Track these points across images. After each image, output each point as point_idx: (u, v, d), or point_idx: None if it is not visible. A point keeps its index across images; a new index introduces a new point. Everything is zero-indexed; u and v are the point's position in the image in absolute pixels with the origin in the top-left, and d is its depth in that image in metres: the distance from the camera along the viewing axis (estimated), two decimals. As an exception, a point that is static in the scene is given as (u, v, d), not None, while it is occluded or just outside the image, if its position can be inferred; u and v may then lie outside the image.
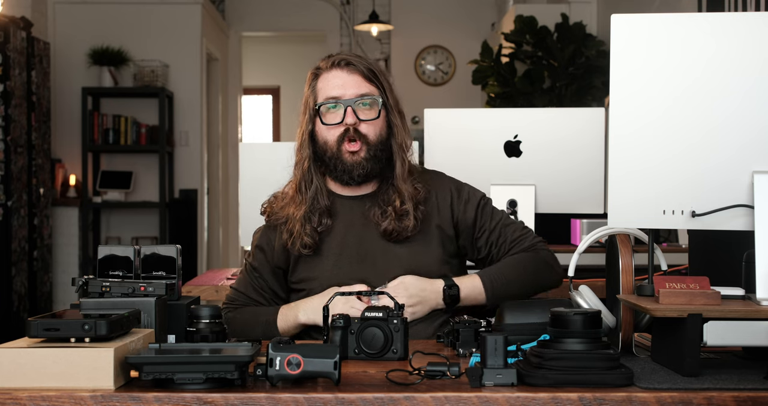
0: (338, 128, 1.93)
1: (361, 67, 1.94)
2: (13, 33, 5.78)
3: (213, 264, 8.60)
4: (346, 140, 1.92)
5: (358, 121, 1.92)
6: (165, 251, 1.66)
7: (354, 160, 1.93)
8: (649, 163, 1.46)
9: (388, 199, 1.96)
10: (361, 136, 1.92)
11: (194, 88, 7.80)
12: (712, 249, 1.61)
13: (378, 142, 1.94)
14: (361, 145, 1.92)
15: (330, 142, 1.94)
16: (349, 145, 1.92)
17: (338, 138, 1.93)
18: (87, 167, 7.25)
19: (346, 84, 1.93)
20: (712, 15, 1.48)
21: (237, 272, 3.13)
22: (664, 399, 1.28)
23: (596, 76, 6.34)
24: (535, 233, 2.04)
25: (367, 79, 1.94)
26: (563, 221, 3.28)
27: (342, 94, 1.93)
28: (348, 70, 1.94)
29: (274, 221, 2.02)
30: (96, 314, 1.39)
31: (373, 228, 1.97)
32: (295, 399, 1.29)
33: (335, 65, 1.95)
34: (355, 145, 1.92)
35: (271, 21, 9.23)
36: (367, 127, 1.93)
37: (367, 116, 1.93)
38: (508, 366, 1.34)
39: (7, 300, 5.69)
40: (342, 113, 1.92)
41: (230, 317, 1.99)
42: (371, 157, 1.93)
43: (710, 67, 1.45)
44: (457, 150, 2.07)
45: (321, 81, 1.96)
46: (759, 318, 1.38)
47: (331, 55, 2.00)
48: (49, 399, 1.28)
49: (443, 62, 9.17)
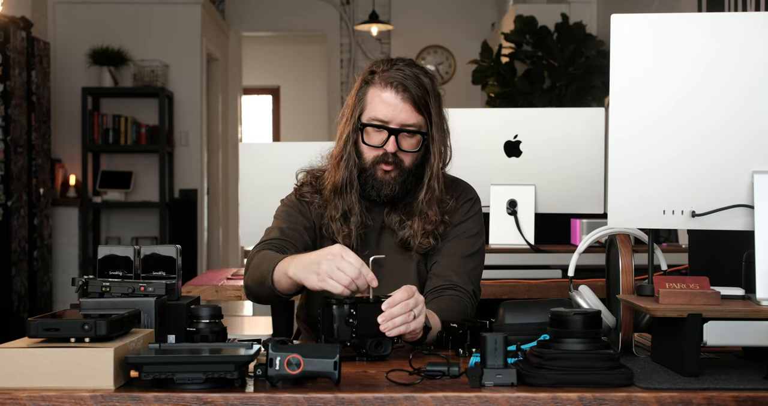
0: (377, 150, 1.95)
1: (414, 95, 1.92)
2: (13, 33, 5.78)
3: (213, 264, 8.60)
4: (383, 162, 1.95)
5: (399, 151, 1.94)
6: (165, 251, 1.66)
7: (385, 179, 1.95)
8: (649, 163, 1.46)
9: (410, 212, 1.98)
10: (397, 162, 1.95)
11: (194, 88, 7.80)
12: (712, 249, 1.61)
13: (412, 168, 1.96)
14: (395, 168, 1.95)
15: (366, 159, 1.96)
16: (384, 165, 1.95)
17: (375, 158, 1.95)
18: (87, 167, 7.25)
19: (396, 110, 1.92)
20: (712, 15, 1.48)
21: (237, 272, 3.13)
22: (664, 399, 1.28)
23: (596, 76, 6.34)
24: (474, 287, 1.99)
25: (417, 108, 1.93)
26: (563, 221, 3.28)
27: (390, 119, 1.93)
28: (402, 96, 1.92)
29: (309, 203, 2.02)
30: (96, 314, 1.39)
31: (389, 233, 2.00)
32: (295, 399, 1.29)
33: (390, 86, 1.93)
34: (390, 167, 1.95)
35: (271, 21, 9.23)
36: (405, 155, 1.95)
37: (409, 147, 1.95)
38: (508, 366, 1.35)
39: (7, 300, 5.69)
40: (385, 138, 1.93)
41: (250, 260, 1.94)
42: (402, 180, 1.95)
43: (710, 67, 1.45)
44: (456, 150, 2.07)
45: (371, 94, 1.95)
46: (759, 318, 1.38)
47: (391, 61, 1.96)
48: (49, 399, 1.28)
49: (443, 62, 9.17)
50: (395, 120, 1.92)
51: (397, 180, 1.95)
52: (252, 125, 11.61)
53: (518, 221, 3.15)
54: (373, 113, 1.94)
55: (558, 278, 2.93)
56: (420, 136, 1.95)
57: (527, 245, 3.12)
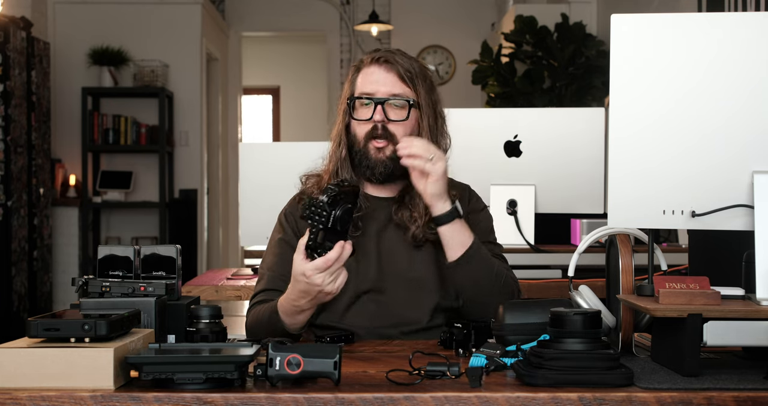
0: (367, 124, 1.94)
1: (399, 67, 1.94)
2: (13, 33, 5.78)
3: (213, 264, 8.60)
4: (374, 137, 1.94)
5: (387, 120, 1.93)
6: (165, 251, 1.66)
7: (378, 157, 1.94)
8: (649, 163, 1.46)
9: (414, 204, 1.96)
10: (388, 135, 1.93)
11: (194, 88, 7.81)
12: (712, 249, 1.61)
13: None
14: (387, 143, 1.93)
15: (359, 137, 1.96)
16: (376, 141, 1.94)
17: (367, 134, 1.95)
18: (87, 167, 7.26)
19: (381, 82, 1.94)
20: (712, 15, 1.48)
21: (237, 272, 3.14)
22: (664, 399, 1.28)
23: (596, 76, 6.34)
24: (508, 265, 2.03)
25: (403, 79, 1.94)
26: (563, 221, 3.28)
27: (375, 91, 1.94)
28: (386, 67, 1.94)
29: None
30: (96, 314, 1.39)
31: (397, 229, 1.98)
32: (295, 399, 1.29)
33: (375, 61, 1.96)
34: (382, 143, 1.94)
35: (271, 21, 9.24)
36: (395, 126, 1.94)
37: (397, 116, 1.94)
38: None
39: (7, 300, 5.69)
40: (372, 110, 1.94)
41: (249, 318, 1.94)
42: (396, 157, 1.92)
43: (710, 67, 1.45)
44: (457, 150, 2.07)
45: (360, 76, 1.98)
46: (759, 318, 1.38)
47: (378, 49, 2.00)
48: (49, 399, 1.28)
49: (443, 62, 9.18)
50: (380, 91, 1.93)
51: (391, 157, 1.93)
52: (252, 125, 11.62)
53: (518, 221, 3.16)
54: (360, 89, 1.96)
55: (558, 278, 2.94)
56: (409, 107, 1.94)
57: (527, 245, 3.12)
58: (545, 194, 3.19)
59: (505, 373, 1.43)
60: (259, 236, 3.09)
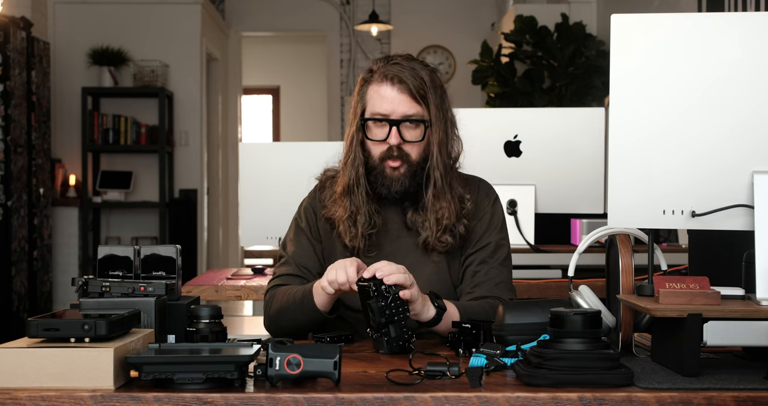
0: (382, 145, 1.95)
1: (410, 85, 1.93)
2: (13, 33, 5.78)
3: (213, 264, 8.60)
4: (389, 157, 1.95)
5: (402, 142, 1.94)
6: (165, 251, 1.66)
7: (394, 176, 1.95)
8: (649, 163, 1.46)
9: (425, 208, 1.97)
10: (403, 155, 1.95)
11: (194, 88, 7.81)
12: (712, 249, 1.61)
13: (420, 160, 1.96)
14: (402, 163, 1.95)
15: (374, 157, 1.97)
16: (391, 162, 1.95)
17: (382, 154, 1.95)
18: (87, 167, 7.26)
19: (396, 102, 1.93)
20: (712, 15, 1.48)
21: (237, 272, 3.13)
22: (664, 399, 1.28)
23: (596, 76, 6.34)
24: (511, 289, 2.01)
25: (415, 98, 1.93)
26: (563, 221, 3.28)
27: (390, 112, 1.93)
28: (399, 88, 1.93)
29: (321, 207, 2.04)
30: (96, 314, 1.39)
31: (409, 232, 1.99)
32: (295, 399, 1.29)
33: (386, 79, 1.94)
34: (397, 163, 1.95)
35: (271, 21, 9.24)
36: (410, 147, 1.95)
37: (412, 137, 1.95)
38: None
39: (7, 300, 5.69)
40: (387, 131, 1.94)
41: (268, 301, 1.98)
42: (411, 174, 1.94)
43: (710, 67, 1.45)
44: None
45: (371, 91, 1.96)
46: (759, 318, 1.38)
47: (389, 57, 1.98)
48: (49, 399, 1.28)
49: (443, 62, 9.17)
50: (395, 112, 1.93)
51: (406, 175, 1.94)
52: (252, 125, 11.62)
53: (518, 221, 3.16)
54: (373, 109, 1.95)
55: (558, 278, 2.94)
56: (423, 126, 1.95)
57: (527, 245, 3.12)
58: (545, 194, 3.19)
59: (505, 373, 1.44)
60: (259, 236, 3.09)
